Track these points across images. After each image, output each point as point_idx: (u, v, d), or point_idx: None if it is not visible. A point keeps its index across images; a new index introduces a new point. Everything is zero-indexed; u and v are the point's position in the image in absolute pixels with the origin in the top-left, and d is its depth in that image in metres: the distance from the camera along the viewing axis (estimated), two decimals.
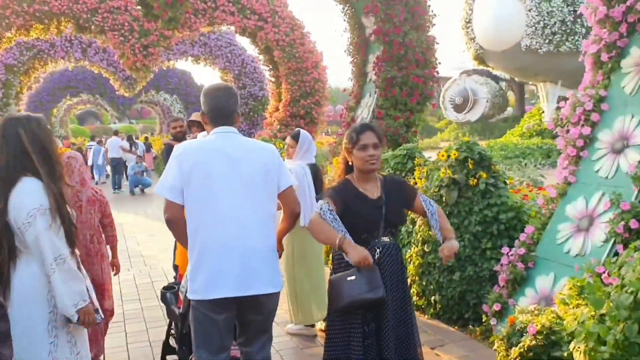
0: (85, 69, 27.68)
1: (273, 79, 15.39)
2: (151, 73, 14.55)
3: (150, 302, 6.17)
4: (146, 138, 26.83)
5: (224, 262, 2.77)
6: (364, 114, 9.93)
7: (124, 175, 18.87)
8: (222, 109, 2.89)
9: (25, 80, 17.39)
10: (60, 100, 27.78)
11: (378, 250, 3.07)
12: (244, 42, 29.11)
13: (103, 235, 4.32)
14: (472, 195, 5.03)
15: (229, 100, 2.93)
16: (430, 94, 9.75)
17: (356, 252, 2.90)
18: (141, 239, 9.92)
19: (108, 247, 4.38)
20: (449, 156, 5.23)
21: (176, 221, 2.85)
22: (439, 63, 9.95)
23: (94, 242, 4.19)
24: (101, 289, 4.14)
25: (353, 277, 2.99)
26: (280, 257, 3.11)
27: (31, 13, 12.00)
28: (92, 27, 12.70)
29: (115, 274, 4.47)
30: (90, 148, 21.65)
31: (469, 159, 5.06)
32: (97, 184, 20.66)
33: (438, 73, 9.98)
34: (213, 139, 2.89)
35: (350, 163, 3.22)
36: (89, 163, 22.07)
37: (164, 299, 3.86)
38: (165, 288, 3.96)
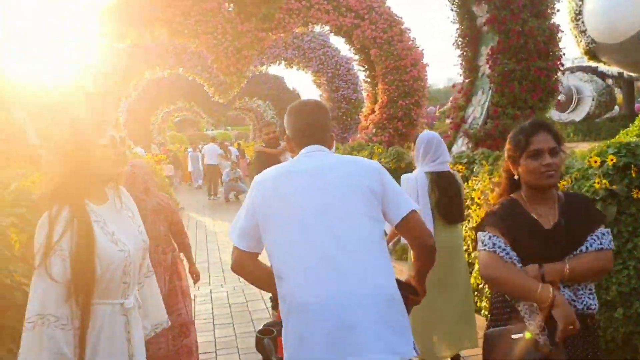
0: (182, 76, 28.20)
1: (369, 80, 14.56)
2: (245, 78, 14.22)
3: (244, 328, 5.50)
4: (239, 144, 26.82)
5: (316, 319, 1.99)
6: (476, 113, 8.87)
7: (219, 182, 18.73)
8: (309, 126, 2.31)
9: (122, 88, 17.58)
10: (157, 107, 28.35)
11: None
12: (337, 43, 28.33)
13: (172, 245, 4.28)
14: (637, 211, 3.98)
15: (317, 115, 2.34)
16: (554, 88, 8.52)
17: (566, 312, 2.06)
18: (224, 247, 9.40)
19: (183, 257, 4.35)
20: (602, 162, 4.18)
21: (242, 271, 2.26)
22: (563, 54, 8.72)
23: (157, 252, 4.07)
24: (172, 299, 4.07)
25: (520, 335, 2.13)
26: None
27: (126, 20, 11.87)
28: (186, 31, 12.44)
29: (195, 283, 4.49)
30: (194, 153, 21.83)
31: (632, 166, 4.00)
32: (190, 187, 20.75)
33: (563, 65, 8.76)
34: (297, 162, 2.28)
35: (516, 177, 2.32)
36: (189, 169, 22.34)
37: (259, 346, 3.05)
38: (261, 332, 2.98)
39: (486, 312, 4.93)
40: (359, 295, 1.96)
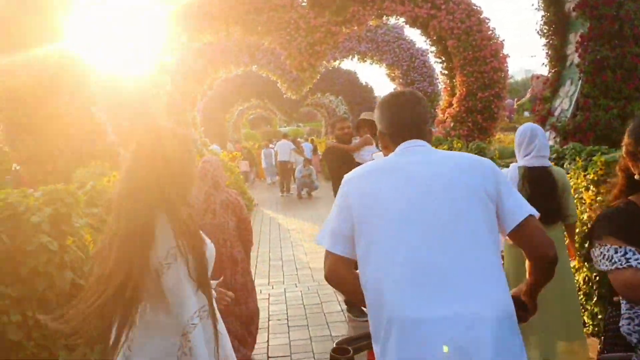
0: (255, 74, 28.50)
1: (446, 72, 14.04)
2: (318, 73, 14.08)
3: (319, 331, 5.30)
4: (312, 140, 26.80)
5: (428, 340, 1.68)
6: (564, 105, 8.29)
7: (292, 179, 18.74)
8: (407, 119, 2.04)
9: (198, 86, 17.87)
10: (232, 105, 28.78)
11: None
12: (412, 35, 27.83)
13: (238, 240, 4.31)
14: None
15: (414, 106, 2.06)
16: None
17: None
18: (309, 249, 9.22)
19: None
20: None
21: (337, 280, 1.98)
22: None
23: (226, 247, 4.16)
24: (235, 294, 4.02)
25: None
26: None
27: (201, 17, 11.98)
28: (259, 27, 12.42)
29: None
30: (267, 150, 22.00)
31: None
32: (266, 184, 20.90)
33: None
34: (393, 158, 2.01)
35: (637, 176, 2.00)
36: (263, 166, 22.54)
37: None
38: (336, 350, 2.40)
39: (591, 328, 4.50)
40: (479, 318, 1.68)
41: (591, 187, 4.45)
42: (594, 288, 4.47)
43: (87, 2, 8.23)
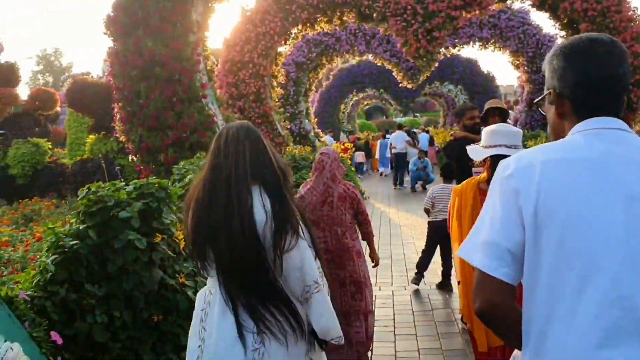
0: (372, 64, 28.07)
1: None
2: (435, 61, 13.43)
3: (429, 343, 4.83)
4: (427, 131, 25.95)
5: None
6: None
7: (406, 171, 18.16)
8: (611, 84, 1.41)
9: (313, 77, 17.81)
10: (347, 96, 28.58)
11: None
12: (539, 19, 26.02)
13: (358, 232, 4.33)
14: None
15: (619, 65, 1.40)
16: None
17: None
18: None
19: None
20: None
21: (496, 315, 1.39)
22: None
23: (346, 238, 4.16)
24: (360, 287, 4.16)
25: None
26: None
27: (315, 5, 11.77)
28: (374, 14, 11.99)
29: (374, 266, 4.55)
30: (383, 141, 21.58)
31: None
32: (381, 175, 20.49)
33: None
34: (582, 144, 1.39)
35: None
36: (376, 157, 22.15)
37: None
38: None
39: None
40: None
41: None
42: None
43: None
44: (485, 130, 3.36)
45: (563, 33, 12.86)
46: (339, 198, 4.11)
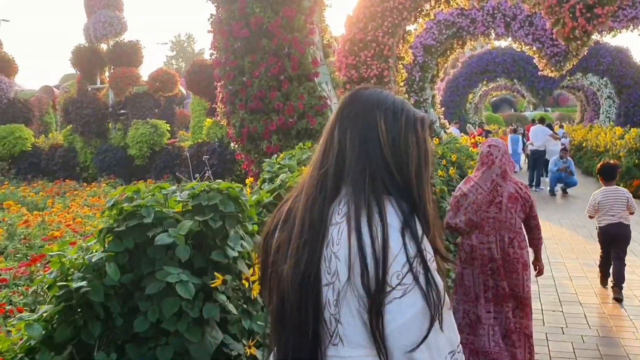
0: (505, 52, 25.79)
1: None
2: (588, 46, 11.39)
3: None
4: (561, 126, 23.22)
5: None
6: None
7: (543, 171, 15.98)
8: None
9: (442, 62, 16.15)
10: (476, 85, 26.45)
11: None
12: None
13: (526, 239, 3.81)
14: None
15: None
16: None
17: None
18: (574, 269, 6.99)
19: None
20: None
21: None
22: None
23: (513, 247, 3.69)
24: (522, 303, 3.72)
25: None
26: None
27: None
28: None
29: (537, 275, 4.07)
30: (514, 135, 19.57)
31: None
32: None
33: None
34: None
35: None
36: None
37: None
38: None
39: None
40: None
41: None
42: None
43: None
44: None
45: None
46: (509, 198, 3.68)
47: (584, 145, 19.66)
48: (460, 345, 1.32)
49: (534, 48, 15.93)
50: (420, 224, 1.27)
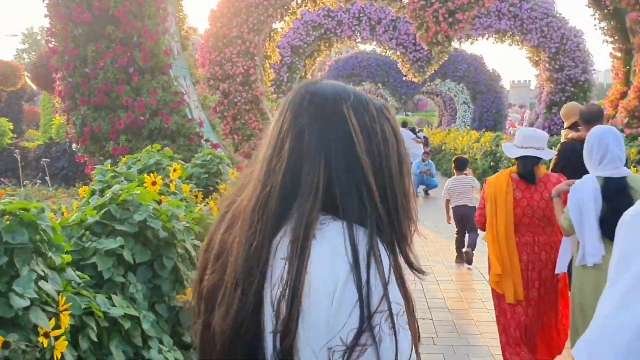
0: (370, 56, 26.37)
1: (619, 55, 11.11)
2: (448, 52, 11.73)
3: None
4: (421, 130, 24.20)
5: None
6: None
7: None
8: None
9: (309, 63, 15.96)
10: None
11: None
12: (565, 11, 24.43)
13: None
14: None
15: None
16: None
17: None
18: (441, 273, 6.96)
19: None
20: None
21: None
22: None
23: None
24: None
25: None
26: None
27: None
28: None
29: None
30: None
31: None
32: None
33: None
34: None
35: None
36: None
37: None
38: None
39: None
40: None
41: None
42: None
43: None
44: (519, 132, 3.84)
45: (603, 25, 11.11)
46: None
47: (442, 148, 20.51)
48: None
49: (398, 52, 16.27)
50: (396, 240, 1.05)
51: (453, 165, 7.93)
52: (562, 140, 5.07)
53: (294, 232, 0.99)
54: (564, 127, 5.20)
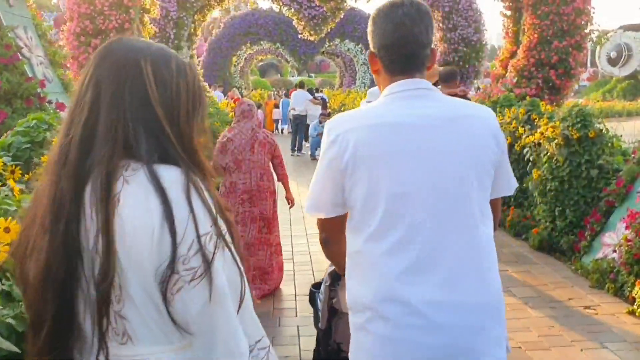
0: (268, 14, 25.51)
1: (509, 13, 11.14)
2: (343, 10, 11.32)
3: None
4: (320, 91, 23.89)
5: (413, 338, 1.47)
6: None
7: (305, 136, 15.92)
8: (405, 43, 1.58)
9: (199, 19, 14.94)
10: (240, 47, 25.74)
11: None
12: None
13: (274, 175, 4.87)
14: None
15: (416, 25, 1.57)
16: None
17: None
18: (313, 232, 6.59)
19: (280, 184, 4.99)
20: None
21: (333, 242, 1.74)
22: None
23: (264, 180, 4.71)
24: (268, 223, 4.78)
25: None
26: None
27: None
28: None
29: (290, 207, 5.24)
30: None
31: None
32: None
33: None
34: (388, 106, 1.60)
35: None
36: (274, 117, 20.46)
37: (312, 300, 2.53)
38: (316, 285, 2.55)
39: None
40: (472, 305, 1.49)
41: None
42: None
43: None
44: (369, 90, 4.53)
45: None
46: (260, 143, 4.64)
47: (342, 109, 20.30)
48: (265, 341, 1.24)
49: (292, 9, 15.62)
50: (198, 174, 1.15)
51: None
52: None
53: (94, 181, 1.06)
54: None
